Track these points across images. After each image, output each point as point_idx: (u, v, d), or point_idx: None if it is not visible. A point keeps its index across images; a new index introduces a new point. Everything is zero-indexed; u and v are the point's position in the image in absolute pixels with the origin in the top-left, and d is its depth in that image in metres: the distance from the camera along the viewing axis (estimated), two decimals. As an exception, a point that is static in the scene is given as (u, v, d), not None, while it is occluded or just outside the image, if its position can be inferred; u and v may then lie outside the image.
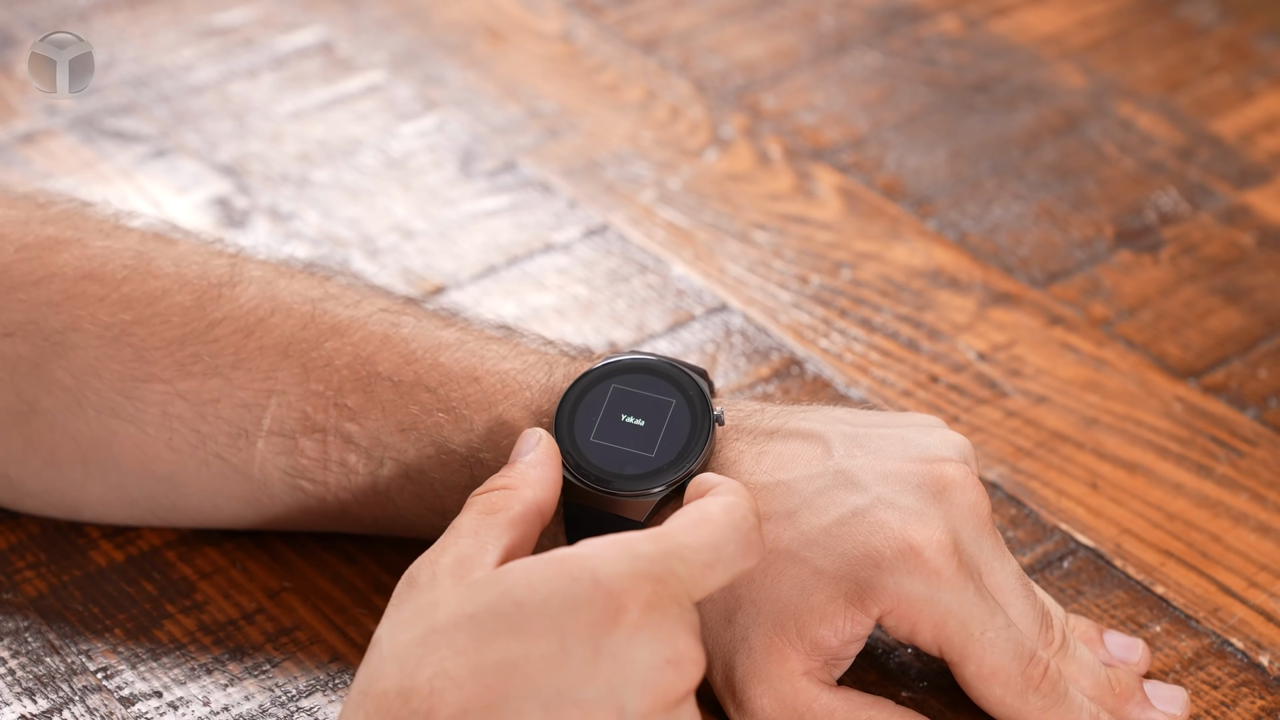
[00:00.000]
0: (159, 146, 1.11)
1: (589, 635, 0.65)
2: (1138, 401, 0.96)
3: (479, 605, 0.66)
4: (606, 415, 0.81)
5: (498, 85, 1.17)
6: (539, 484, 0.74)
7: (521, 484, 0.73)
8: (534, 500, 0.73)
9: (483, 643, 0.65)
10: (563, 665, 0.64)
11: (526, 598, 0.66)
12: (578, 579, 0.66)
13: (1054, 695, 0.77)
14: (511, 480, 0.73)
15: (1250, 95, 1.17)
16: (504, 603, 0.66)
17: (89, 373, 0.81)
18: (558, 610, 0.65)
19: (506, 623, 0.65)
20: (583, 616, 0.65)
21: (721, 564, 0.69)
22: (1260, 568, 0.87)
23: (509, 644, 0.65)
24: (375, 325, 0.83)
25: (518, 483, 0.73)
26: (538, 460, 0.74)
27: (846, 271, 1.04)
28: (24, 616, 0.83)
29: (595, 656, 0.65)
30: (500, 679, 0.65)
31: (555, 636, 0.65)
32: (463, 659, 0.65)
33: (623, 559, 0.66)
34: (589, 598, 0.65)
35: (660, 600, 0.66)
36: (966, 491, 0.78)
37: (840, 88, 1.18)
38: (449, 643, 0.65)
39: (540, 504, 0.73)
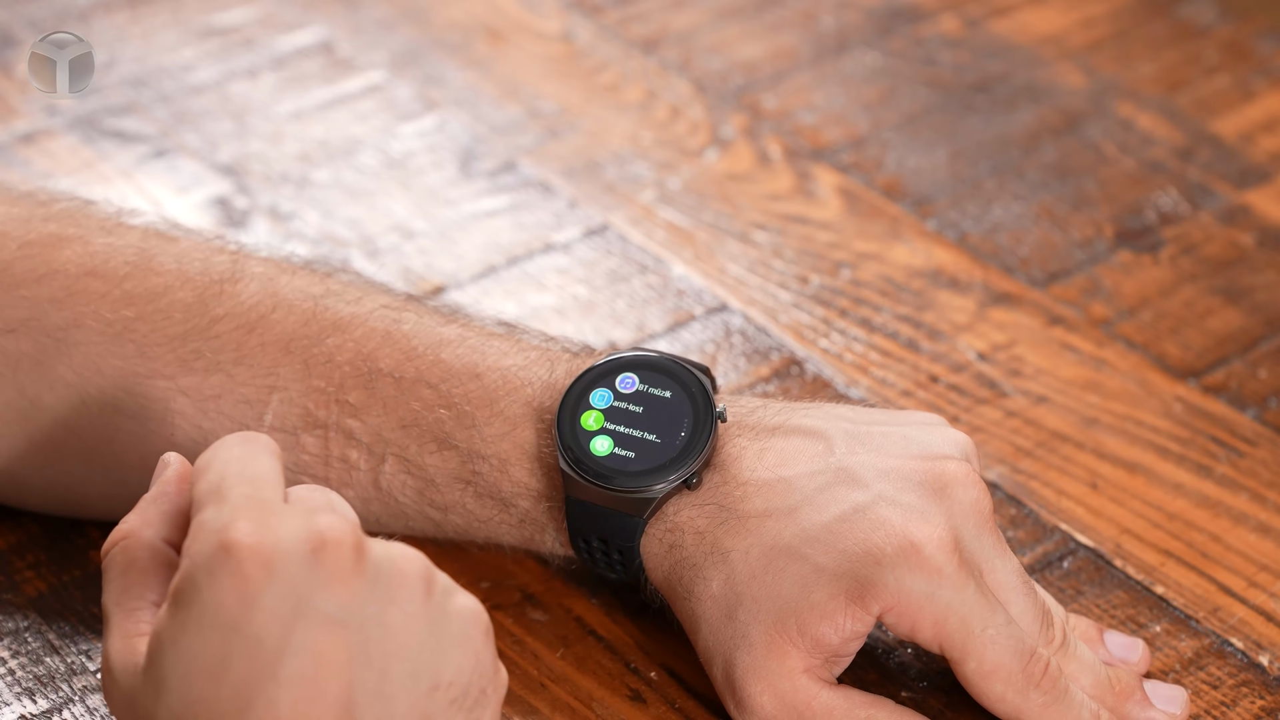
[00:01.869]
0: (159, 146, 1.11)
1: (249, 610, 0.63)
2: (1138, 401, 0.96)
3: (165, 675, 0.64)
4: (608, 411, 0.81)
5: (498, 85, 1.17)
6: (160, 520, 0.70)
7: (142, 526, 0.70)
8: (157, 538, 0.69)
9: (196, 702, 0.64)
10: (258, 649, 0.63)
11: (186, 639, 0.64)
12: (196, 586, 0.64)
13: (1054, 693, 0.77)
14: (131, 525, 0.70)
15: (1250, 95, 1.17)
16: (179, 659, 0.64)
17: (91, 369, 0.81)
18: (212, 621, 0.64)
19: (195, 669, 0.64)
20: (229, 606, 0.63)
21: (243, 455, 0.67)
22: (1260, 568, 0.88)
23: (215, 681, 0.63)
24: (377, 322, 0.83)
25: (138, 526, 0.70)
26: (160, 494, 0.71)
27: (846, 271, 1.04)
28: (24, 616, 0.83)
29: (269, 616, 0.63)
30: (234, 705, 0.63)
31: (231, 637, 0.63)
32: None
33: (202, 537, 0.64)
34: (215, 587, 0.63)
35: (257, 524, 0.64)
36: (968, 489, 0.78)
37: (840, 88, 1.18)
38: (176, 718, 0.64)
39: (167, 538, 0.69)
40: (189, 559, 0.65)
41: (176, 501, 0.70)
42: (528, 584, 0.85)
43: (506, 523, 0.82)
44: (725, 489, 0.79)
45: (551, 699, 0.81)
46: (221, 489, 0.66)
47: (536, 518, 0.82)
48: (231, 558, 0.64)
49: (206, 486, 0.67)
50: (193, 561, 0.64)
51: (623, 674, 0.82)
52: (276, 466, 0.68)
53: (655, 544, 0.80)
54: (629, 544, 0.80)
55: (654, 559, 0.80)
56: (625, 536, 0.79)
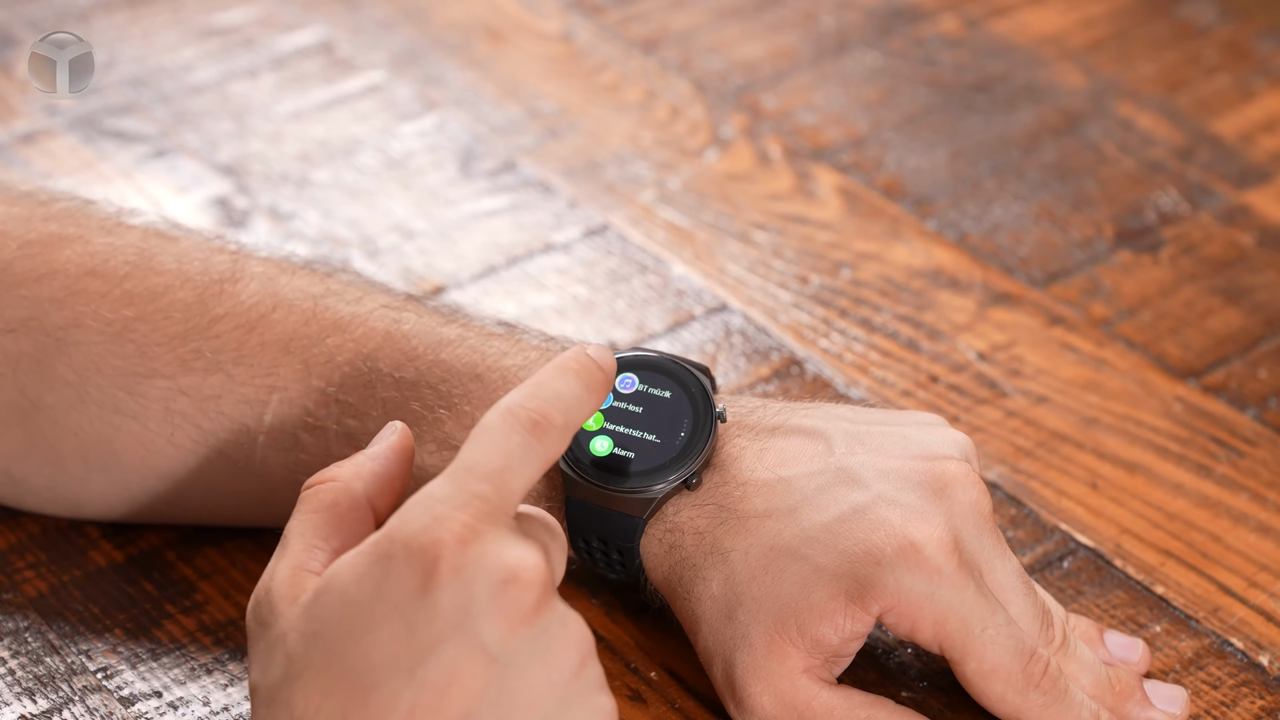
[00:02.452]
0: (159, 146, 1.11)
1: (421, 599, 0.65)
2: (1138, 401, 0.96)
3: (319, 621, 0.66)
4: (608, 412, 0.81)
5: (498, 85, 1.17)
6: (371, 478, 0.72)
7: (353, 477, 0.72)
8: (363, 494, 0.71)
9: (335, 654, 0.65)
10: (410, 638, 0.64)
11: (356, 594, 0.65)
12: (389, 554, 0.65)
13: (1054, 692, 0.77)
14: (343, 472, 0.72)
15: (1250, 95, 1.17)
16: (337, 609, 0.66)
17: (91, 369, 0.81)
18: (385, 592, 0.65)
19: (347, 626, 0.65)
20: (408, 585, 0.65)
21: (514, 459, 0.68)
22: (1260, 568, 0.87)
23: (358, 645, 0.65)
24: (376, 321, 0.83)
25: (349, 475, 0.72)
26: (378, 454, 0.73)
27: (846, 271, 1.04)
28: (24, 616, 0.83)
29: (434, 615, 0.64)
30: (364, 678, 0.65)
31: (393, 617, 0.65)
32: (324, 677, 0.65)
33: (421, 511, 0.66)
34: (405, 565, 0.65)
35: (471, 530, 0.65)
36: (968, 489, 0.78)
37: (840, 88, 1.18)
38: (308, 666, 0.65)
39: (372, 498, 0.72)
40: (400, 522, 0.66)
41: (391, 469, 0.72)
42: (528, 584, 0.85)
43: (507, 523, 0.82)
44: (725, 489, 0.79)
45: (551, 699, 0.81)
46: (472, 472, 0.67)
47: (537, 517, 0.82)
48: (431, 548, 0.65)
49: (465, 459, 0.67)
50: (400, 527, 0.65)
51: (623, 674, 0.82)
52: (533, 477, 0.68)
53: (655, 544, 0.80)
54: (629, 544, 0.80)
55: (654, 559, 0.80)
56: (625, 537, 0.79)
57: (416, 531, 0.65)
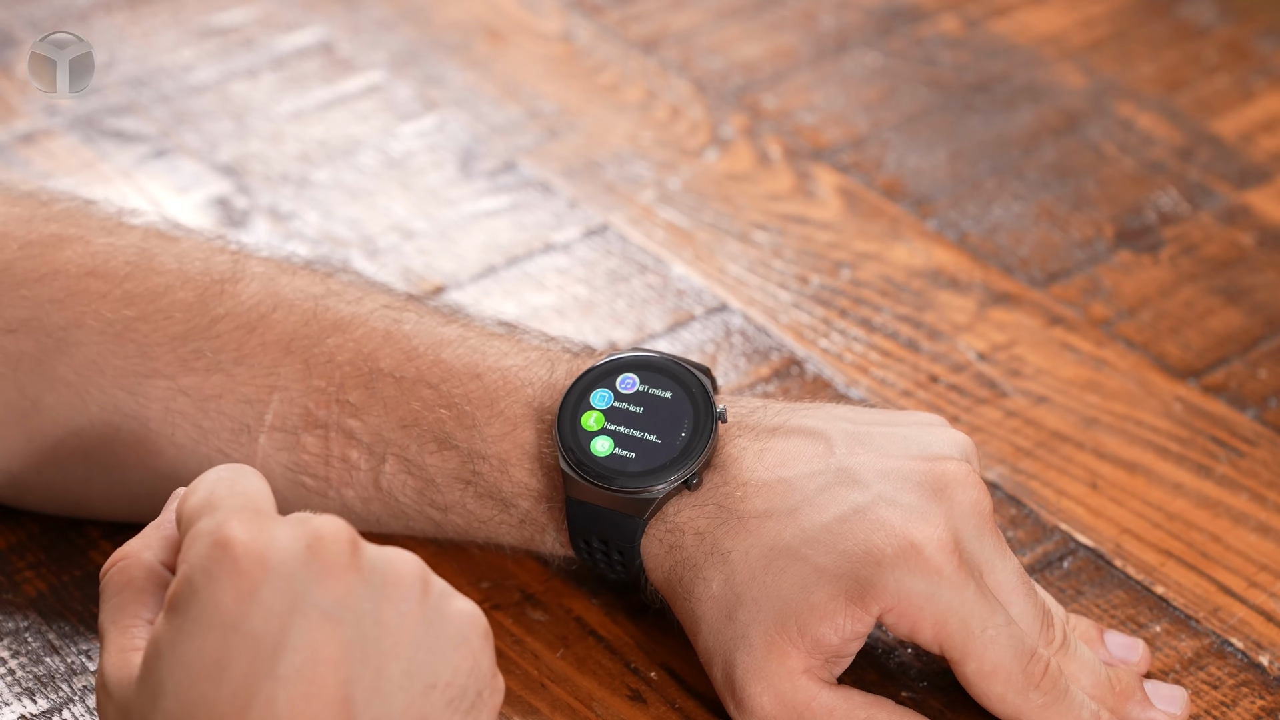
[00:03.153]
0: (159, 146, 1.11)
1: (245, 605, 0.63)
2: (1138, 401, 0.96)
3: (162, 683, 0.64)
4: (609, 412, 0.81)
5: (498, 85, 1.17)
6: (160, 545, 0.70)
7: (141, 549, 0.70)
8: (156, 561, 0.69)
9: (195, 702, 0.64)
10: (256, 645, 0.63)
11: (185, 643, 0.64)
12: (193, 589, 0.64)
13: (1055, 693, 0.77)
14: (132, 548, 0.70)
15: (1250, 95, 1.17)
16: (176, 664, 0.64)
17: (92, 369, 0.81)
18: (210, 621, 0.64)
19: (193, 673, 0.64)
20: (225, 600, 0.64)
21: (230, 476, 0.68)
22: (1260, 568, 0.88)
23: (214, 683, 0.64)
24: (377, 322, 0.83)
25: (138, 549, 0.70)
26: (164, 521, 0.71)
27: (846, 271, 1.04)
28: (24, 616, 0.83)
29: (265, 611, 0.63)
30: (234, 705, 0.63)
31: (229, 636, 0.64)
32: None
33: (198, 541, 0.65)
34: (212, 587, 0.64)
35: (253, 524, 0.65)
36: (968, 489, 0.78)
37: (840, 88, 1.18)
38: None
39: (165, 563, 0.70)
40: (185, 564, 0.65)
41: (178, 534, 0.70)
42: (528, 584, 0.85)
43: (507, 523, 0.82)
44: (725, 489, 0.79)
45: (551, 699, 0.81)
46: (212, 501, 0.67)
47: (537, 518, 0.82)
48: (227, 556, 0.64)
49: (196, 502, 0.67)
50: (189, 565, 0.65)
51: (623, 674, 0.82)
52: (265, 487, 0.68)
53: (655, 544, 0.80)
54: (629, 544, 0.80)
55: (654, 559, 0.80)
56: (625, 537, 0.79)
57: (204, 558, 0.64)
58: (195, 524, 0.66)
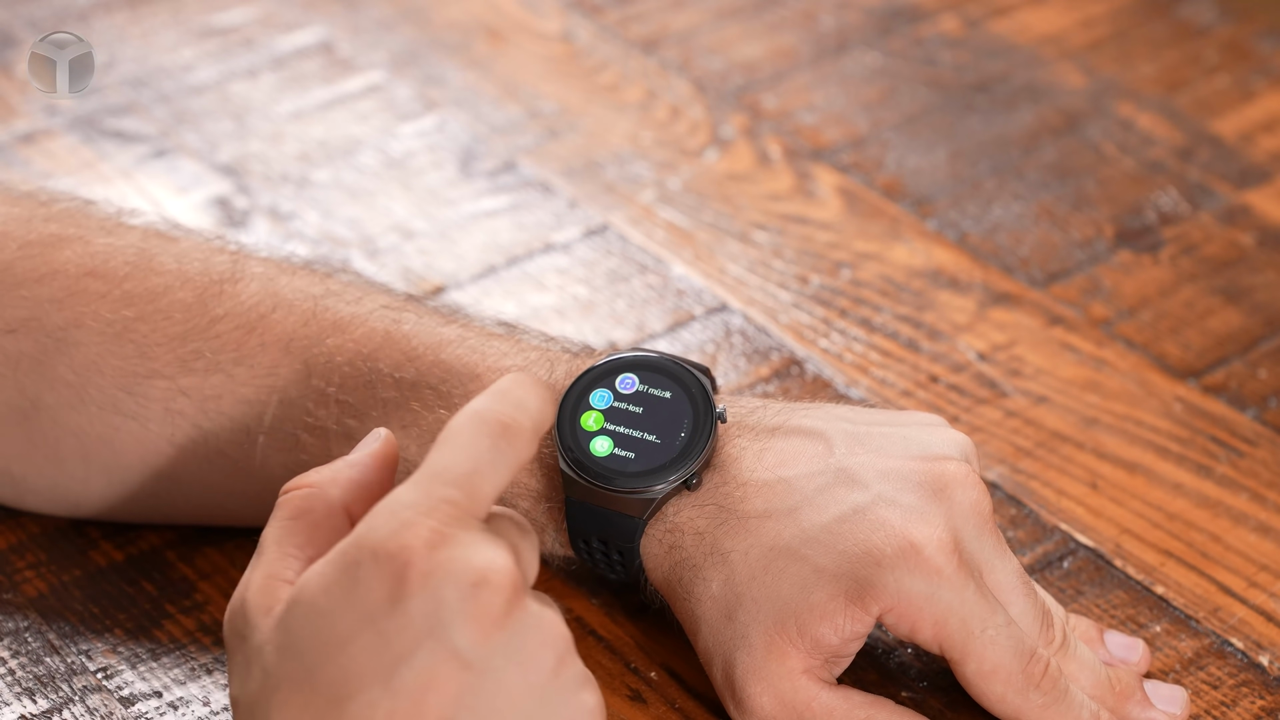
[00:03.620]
0: (159, 146, 1.11)
1: (392, 607, 0.64)
2: (1138, 401, 0.96)
3: (291, 634, 0.65)
4: (608, 412, 0.81)
5: (498, 85, 1.17)
6: (348, 485, 0.71)
7: (329, 483, 0.70)
8: (339, 501, 0.70)
9: (309, 667, 0.65)
10: (383, 648, 0.64)
11: (325, 605, 0.65)
12: (357, 562, 0.65)
13: (1054, 693, 0.77)
14: (320, 478, 0.71)
15: (1250, 95, 1.17)
16: (309, 622, 0.65)
17: (91, 369, 0.81)
18: (354, 602, 0.64)
19: (319, 639, 0.65)
20: (377, 593, 0.64)
21: (483, 462, 0.67)
22: (1260, 568, 0.88)
23: (331, 657, 0.64)
24: (376, 322, 0.83)
25: (326, 481, 0.70)
26: (357, 461, 0.71)
27: (846, 271, 1.04)
28: (24, 616, 0.83)
29: (405, 623, 0.64)
30: (338, 690, 0.64)
31: (364, 627, 0.64)
32: (300, 691, 0.65)
33: (388, 518, 0.65)
34: (373, 572, 0.64)
35: (439, 535, 0.65)
36: (968, 490, 0.78)
37: (840, 88, 1.18)
38: (284, 680, 0.65)
39: (349, 505, 0.70)
40: (367, 529, 0.65)
41: (370, 476, 0.71)
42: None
43: (507, 523, 0.82)
44: (725, 490, 0.79)
45: (551, 699, 0.81)
46: (438, 477, 0.66)
47: (536, 518, 0.82)
48: (399, 555, 0.64)
49: (431, 464, 0.66)
50: (367, 535, 0.65)
51: (623, 674, 0.82)
52: (503, 481, 0.67)
53: (655, 545, 0.80)
54: (629, 545, 0.80)
55: (654, 559, 0.80)
56: (625, 537, 0.79)
57: (384, 538, 0.64)
58: (403, 490, 0.66)
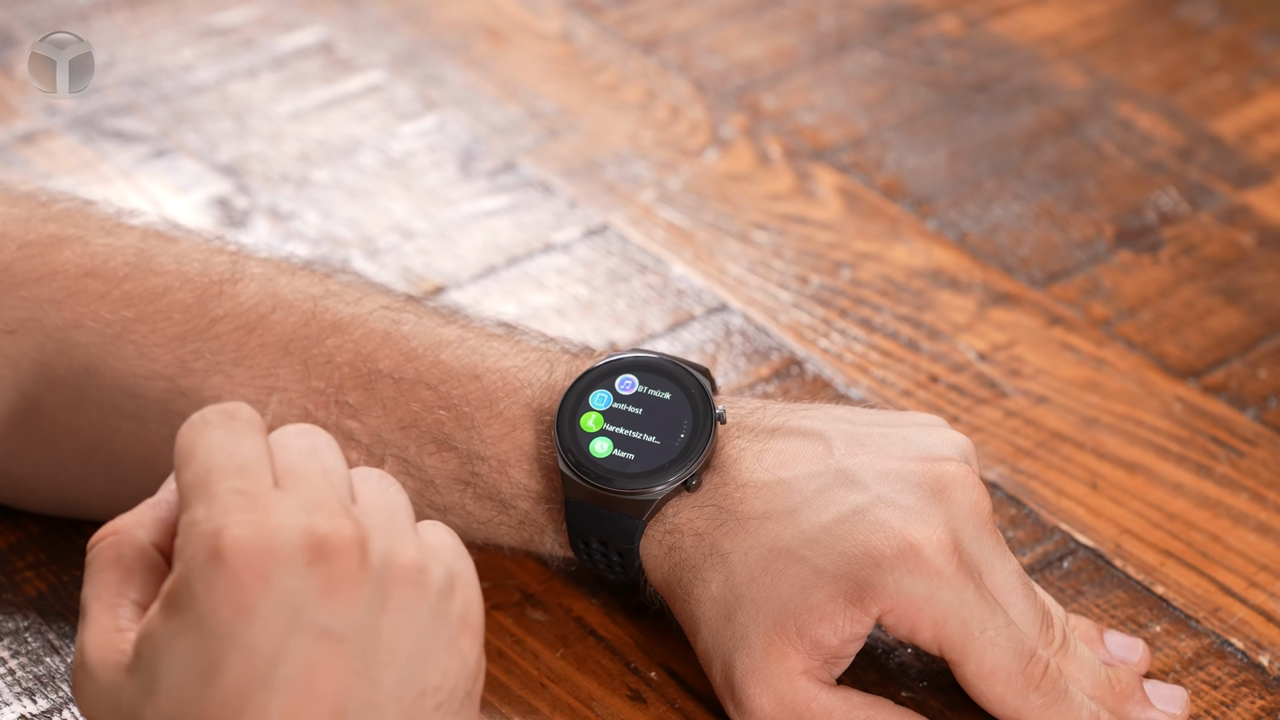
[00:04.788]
0: (159, 146, 1.11)
1: (242, 617, 0.63)
2: (1138, 401, 0.96)
3: (156, 677, 0.64)
4: (608, 413, 0.81)
5: (498, 85, 1.17)
6: (154, 524, 0.69)
7: (135, 526, 0.68)
8: (148, 541, 0.68)
9: (186, 701, 0.63)
10: (253, 656, 0.63)
11: (181, 645, 0.64)
12: (190, 593, 0.63)
13: (1054, 694, 0.77)
14: (125, 523, 0.69)
15: (1250, 95, 1.17)
16: (171, 664, 0.64)
17: (91, 370, 0.81)
18: (206, 630, 0.63)
19: (187, 675, 0.63)
20: (223, 612, 0.63)
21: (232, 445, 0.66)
22: (1260, 568, 0.88)
23: (208, 683, 0.63)
24: (376, 322, 0.83)
25: (131, 525, 0.68)
26: (160, 500, 0.69)
27: (846, 271, 1.04)
28: (24, 616, 0.83)
29: (264, 625, 0.63)
30: (224, 710, 0.63)
31: (226, 646, 0.63)
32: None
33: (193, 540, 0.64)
34: (209, 595, 0.63)
35: (251, 526, 0.63)
36: (967, 490, 0.78)
37: (840, 88, 1.18)
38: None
39: (158, 543, 0.68)
40: (182, 562, 0.64)
41: (174, 511, 0.69)
42: (527, 584, 0.85)
43: (506, 524, 0.82)
44: (725, 490, 0.79)
45: (551, 699, 0.81)
46: (208, 482, 0.65)
47: (536, 519, 0.82)
48: (226, 565, 0.63)
49: (192, 479, 0.65)
50: (186, 566, 0.64)
51: (623, 674, 0.82)
52: (262, 445, 0.66)
53: (655, 545, 0.80)
54: (628, 545, 0.80)
55: (653, 560, 0.80)
56: (625, 538, 0.79)
57: (203, 562, 0.63)
58: (191, 510, 0.65)
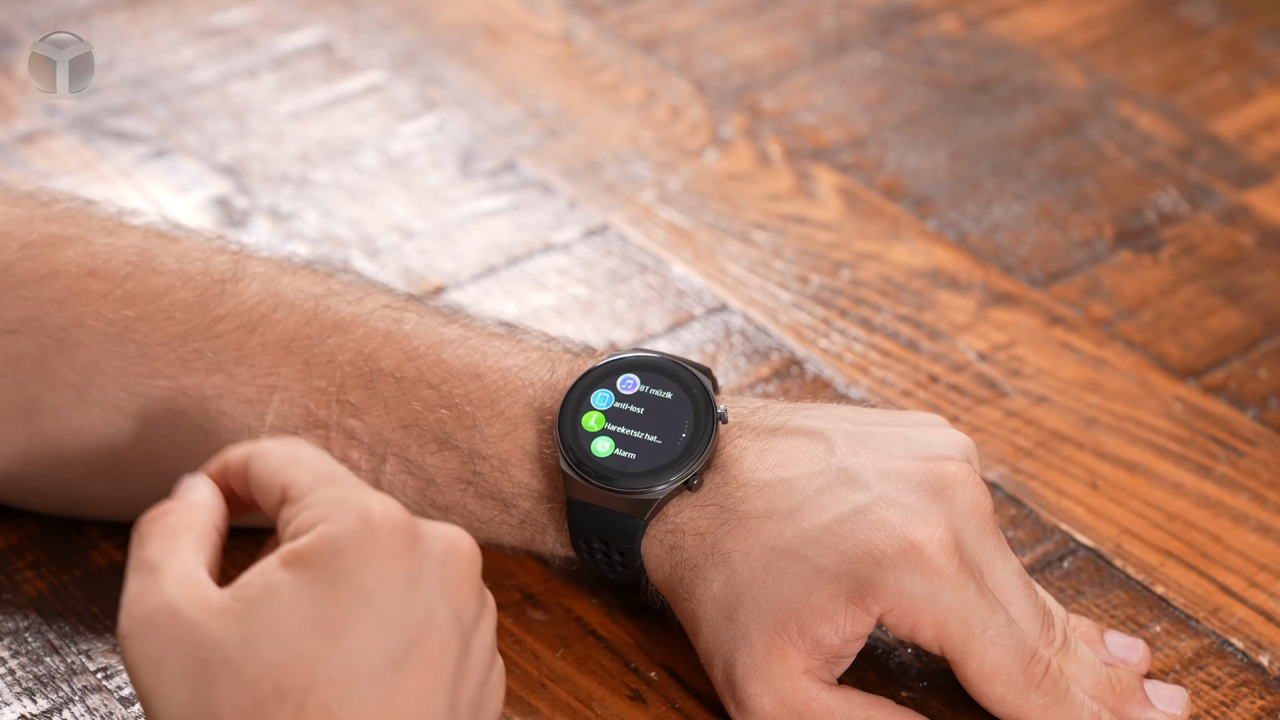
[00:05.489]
0: (159, 146, 1.11)
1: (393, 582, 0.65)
2: (1138, 401, 0.96)
3: (267, 624, 0.65)
4: (609, 412, 0.81)
5: (498, 85, 1.17)
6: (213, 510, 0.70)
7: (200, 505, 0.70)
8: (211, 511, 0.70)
9: (299, 655, 0.64)
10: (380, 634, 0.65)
11: (309, 594, 0.65)
12: (337, 549, 0.65)
13: (1055, 693, 0.77)
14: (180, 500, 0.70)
15: (1250, 95, 1.17)
16: (291, 611, 0.65)
17: (92, 369, 0.81)
18: (354, 587, 0.65)
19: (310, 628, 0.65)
20: (384, 571, 0.65)
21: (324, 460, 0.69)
22: (1260, 568, 0.88)
23: (332, 643, 0.64)
24: (378, 322, 0.83)
25: (185, 503, 0.70)
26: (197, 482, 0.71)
27: (846, 271, 1.04)
28: (24, 616, 0.83)
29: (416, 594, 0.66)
30: (346, 670, 0.64)
31: (363, 608, 0.65)
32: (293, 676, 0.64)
33: (337, 506, 0.66)
34: (360, 553, 0.65)
35: (401, 511, 0.67)
36: (968, 490, 0.78)
37: (840, 88, 1.18)
38: (265, 670, 0.64)
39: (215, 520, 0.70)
40: (330, 526, 0.66)
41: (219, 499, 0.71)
42: (528, 584, 0.86)
43: (507, 523, 0.82)
44: (726, 490, 0.79)
45: (551, 699, 0.81)
46: (336, 478, 0.68)
47: (537, 518, 0.82)
48: (378, 532, 0.66)
49: (312, 474, 0.68)
50: (337, 529, 0.66)
51: (623, 674, 0.82)
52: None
53: (656, 545, 0.80)
54: (630, 545, 0.80)
55: (655, 560, 0.80)
56: (626, 537, 0.79)
57: (353, 523, 0.66)
58: (323, 492, 0.67)
